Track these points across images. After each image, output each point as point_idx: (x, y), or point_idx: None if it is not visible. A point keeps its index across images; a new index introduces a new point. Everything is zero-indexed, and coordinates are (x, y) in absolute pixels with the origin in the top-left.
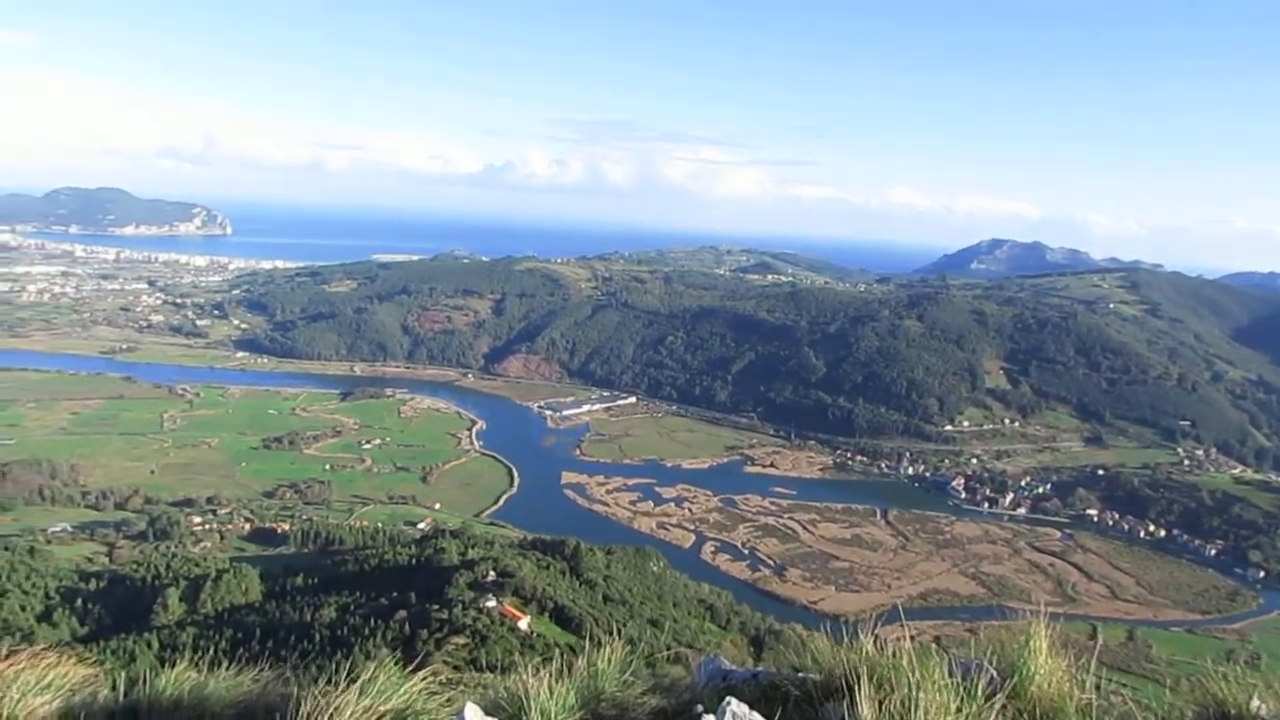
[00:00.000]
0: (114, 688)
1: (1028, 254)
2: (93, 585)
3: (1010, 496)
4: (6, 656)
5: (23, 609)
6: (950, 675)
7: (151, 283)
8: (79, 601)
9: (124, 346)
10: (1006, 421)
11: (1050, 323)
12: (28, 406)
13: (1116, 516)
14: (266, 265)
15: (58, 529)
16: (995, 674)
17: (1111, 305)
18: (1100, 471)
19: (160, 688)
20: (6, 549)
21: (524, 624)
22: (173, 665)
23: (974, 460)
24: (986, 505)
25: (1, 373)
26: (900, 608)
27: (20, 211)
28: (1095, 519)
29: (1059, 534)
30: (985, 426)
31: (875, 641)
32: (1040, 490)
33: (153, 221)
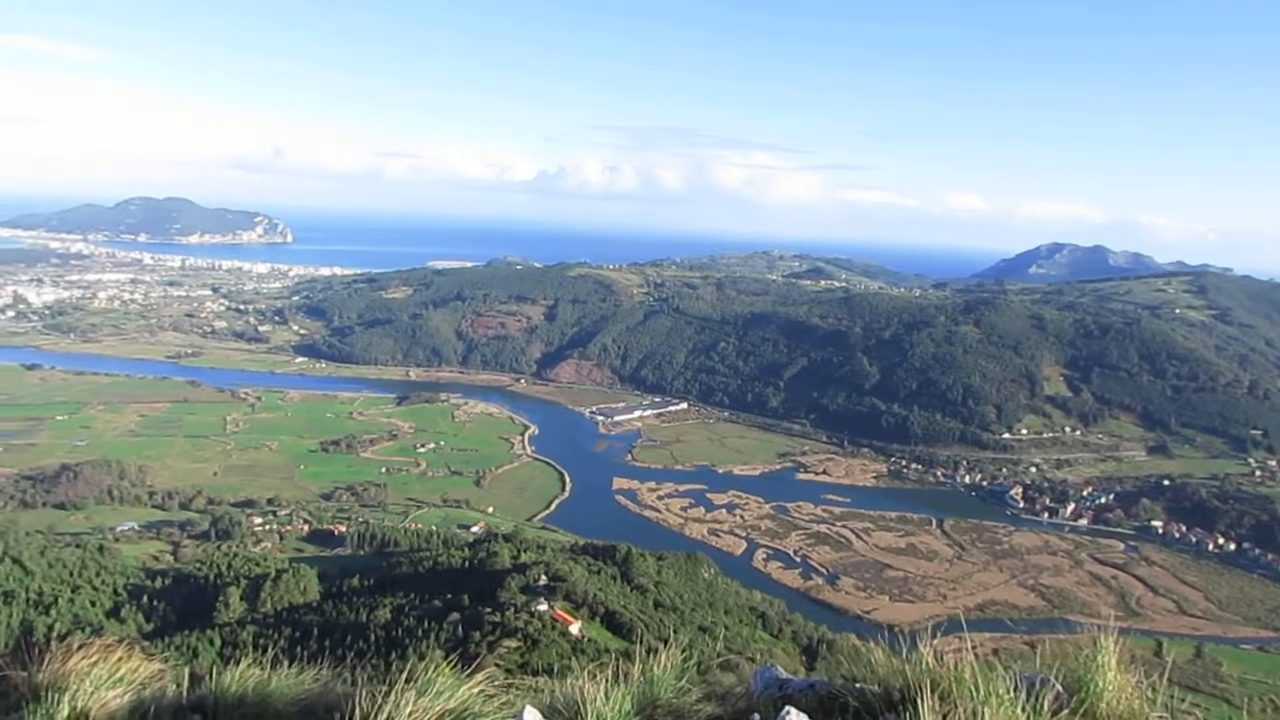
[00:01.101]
0: (181, 683)
1: (1089, 258)
2: (158, 583)
3: (1071, 507)
4: (79, 650)
5: (92, 604)
6: (1015, 690)
7: (215, 289)
8: (145, 598)
9: (189, 351)
10: (1067, 429)
11: (1113, 328)
12: (98, 409)
13: (1183, 528)
14: (325, 272)
15: (125, 528)
16: (1061, 689)
17: (1177, 310)
18: (1166, 482)
19: (226, 684)
20: (78, 546)
21: (575, 628)
22: (234, 662)
23: (1033, 469)
24: (1046, 515)
25: (74, 376)
26: (963, 619)
27: (93, 221)
28: (1160, 531)
29: (1122, 546)
30: (1045, 434)
31: (935, 653)
32: (1102, 500)
33: (217, 230)
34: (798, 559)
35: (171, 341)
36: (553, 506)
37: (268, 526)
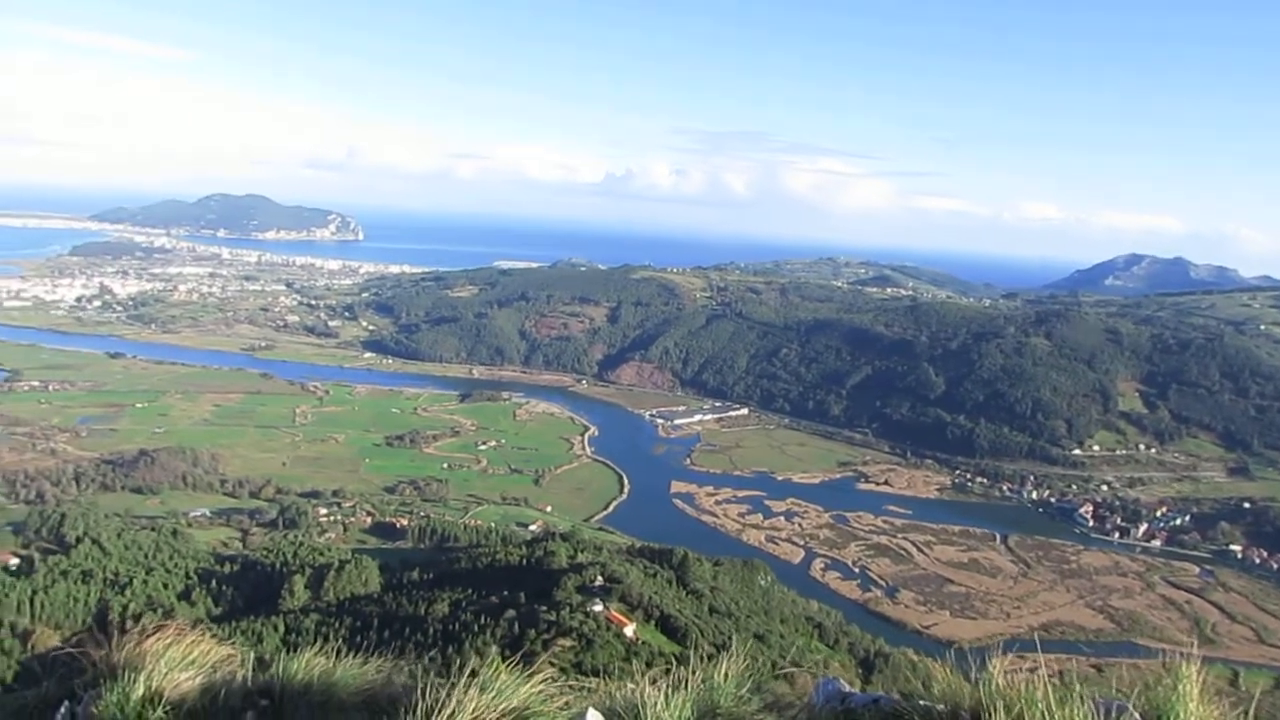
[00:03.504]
0: (250, 667)
1: (1169, 270)
2: (227, 568)
3: (1144, 527)
4: (155, 631)
5: (165, 586)
6: (1091, 716)
7: (289, 285)
8: (214, 583)
9: (262, 344)
10: (1141, 447)
11: (1193, 344)
12: (176, 398)
13: (1264, 554)
14: (394, 270)
15: (198, 513)
16: (1139, 718)
17: (1263, 326)
18: (1246, 505)
19: (292, 671)
20: (153, 530)
21: (630, 630)
22: (296, 649)
23: (1104, 487)
24: (1117, 535)
25: (154, 365)
26: (1028, 639)
27: (175, 216)
28: (1239, 555)
29: (1197, 569)
30: (1118, 452)
31: (1005, 673)
32: (1178, 522)
33: (292, 227)
34: (856, 570)
35: (246, 334)
36: (610, 508)
37: (332, 517)
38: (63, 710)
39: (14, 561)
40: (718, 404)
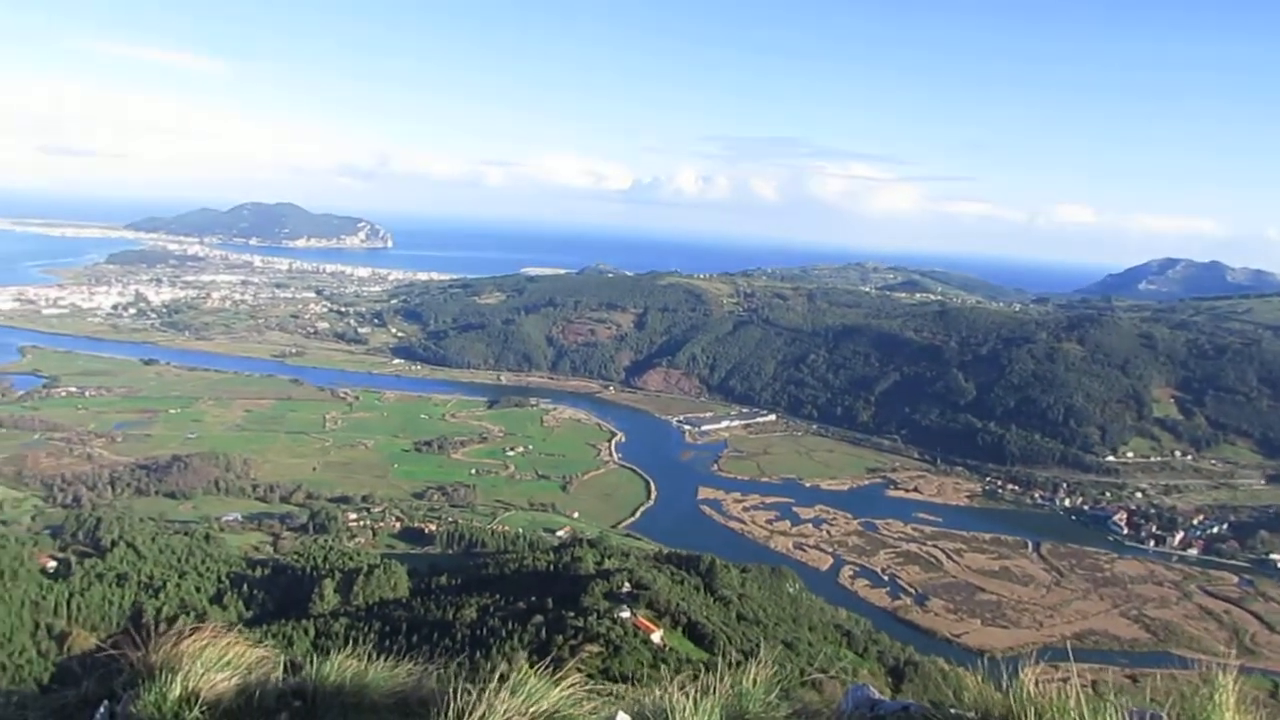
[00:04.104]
0: (284, 669)
1: (1204, 274)
2: (258, 572)
3: (1180, 535)
4: (191, 633)
5: (197, 590)
6: None
7: (319, 292)
8: (245, 586)
9: (293, 351)
10: (1177, 454)
11: (1230, 349)
12: (209, 404)
13: None
14: (423, 277)
15: (230, 518)
16: None
17: None
18: None
19: (325, 673)
20: (186, 534)
21: (657, 637)
22: (326, 653)
23: (1139, 494)
24: (1152, 543)
25: (187, 372)
26: (1061, 648)
27: (209, 224)
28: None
29: (1236, 579)
30: (1153, 458)
31: (1037, 682)
32: (1215, 530)
33: (322, 234)
34: (885, 577)
35: (277, 341)
36: (638, 514)
37: (362, 522)
38: (102, 710)
39: (52, 564)
40: (745, 410)
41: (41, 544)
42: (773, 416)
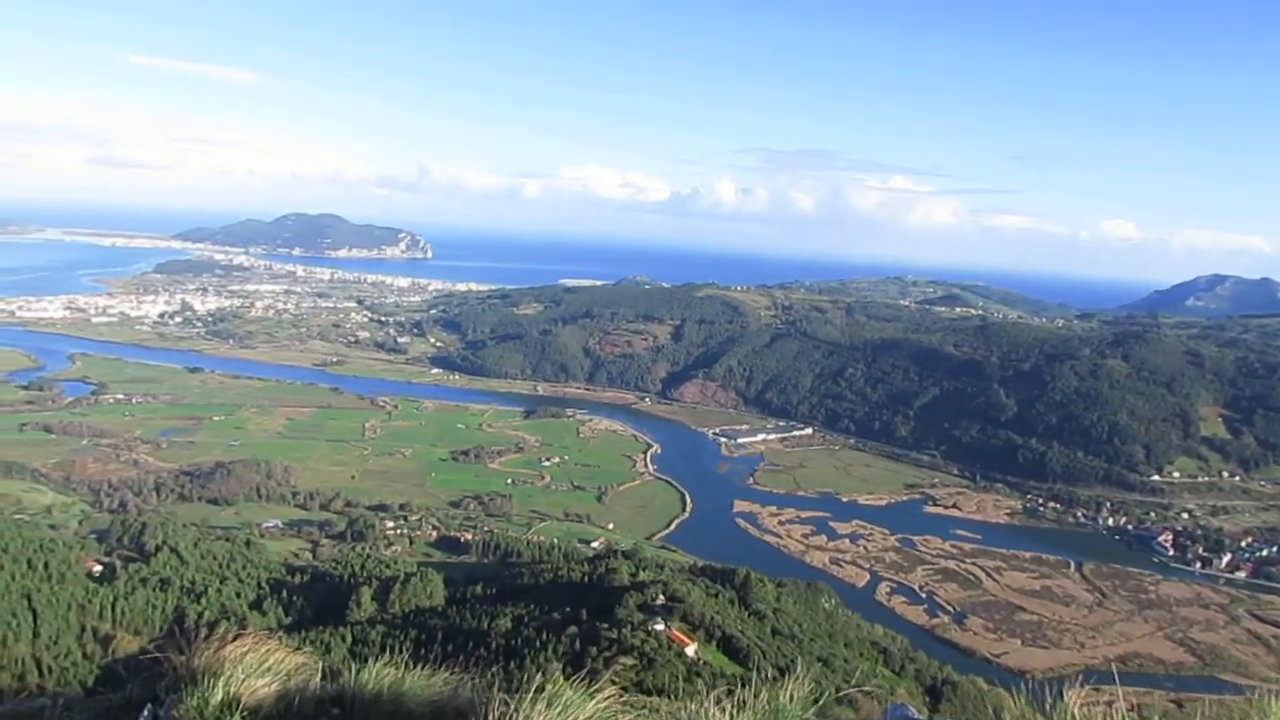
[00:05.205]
0: (322, 676)
1: (1255, 291)
2: (297, 579)
3: (1228, 558)
4: (233, 639)
5: (238, 595)
6: None
7: (360, 301)
8: (284, 593)
9: (334, 360)
10: (1225, 474)
11: None
12: (251, 411)
13: None
14: (461, 287)
15: (270, 525)
16: None
17: None
18: None
19: (364, 681)
20: (228, 540)
21: (691, 650)
22: (364, 660)
23: (1185, 515)
24: (1199, 565)
25: (231, 380)
26: (1105, 671)
27: (253, 235)
28: None
29: None
30: (1200, 479)
31: (1081, 705)
32: (1264, 553)
33: (363, 245)
34: (923, 595)
35: (318, 350)
36: (672, 526)
37: (399, 530)
38: (145, 713)
39: (97, 568)
40: (781, 423)
41: (88, 548)
42: (809, 430)
